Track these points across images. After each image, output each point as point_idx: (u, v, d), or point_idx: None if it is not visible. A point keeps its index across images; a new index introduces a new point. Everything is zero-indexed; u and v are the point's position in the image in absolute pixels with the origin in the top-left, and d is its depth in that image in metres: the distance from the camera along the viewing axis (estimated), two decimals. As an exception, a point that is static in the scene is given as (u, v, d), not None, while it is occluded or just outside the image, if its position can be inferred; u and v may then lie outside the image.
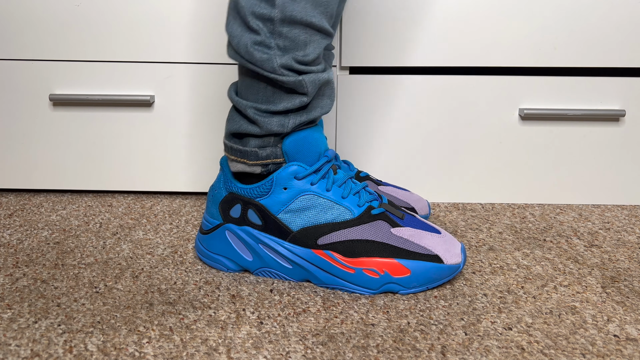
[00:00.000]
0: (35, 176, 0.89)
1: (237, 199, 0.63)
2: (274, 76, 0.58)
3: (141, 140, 0.87)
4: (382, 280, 0.60)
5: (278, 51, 0.57)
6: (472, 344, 0.53)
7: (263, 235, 0.63)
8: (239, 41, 0.58)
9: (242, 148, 0.62)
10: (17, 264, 0.67)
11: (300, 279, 0.63)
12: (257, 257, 0.63)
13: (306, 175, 0.61)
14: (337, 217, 0.62)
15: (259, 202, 0.62)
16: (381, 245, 0.60)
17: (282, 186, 0.61)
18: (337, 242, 0.61)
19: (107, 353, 0.51)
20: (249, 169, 0.63)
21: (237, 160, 0.63)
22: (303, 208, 0.61)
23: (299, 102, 0.60)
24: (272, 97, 0.60)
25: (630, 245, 0.74)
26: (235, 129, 0.62)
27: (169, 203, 0.88)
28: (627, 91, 0.84)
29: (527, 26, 0.82)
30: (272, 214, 0.62)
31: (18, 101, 0.86)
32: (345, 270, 0.60)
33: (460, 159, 0.87)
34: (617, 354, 0.51)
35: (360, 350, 0.51)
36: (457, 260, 0.62)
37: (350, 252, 0.60)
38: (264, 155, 0.62)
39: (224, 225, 0.64)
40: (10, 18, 0.83)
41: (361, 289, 0.61)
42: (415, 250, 0.60)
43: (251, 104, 0.60)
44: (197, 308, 0.58)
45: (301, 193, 0.61)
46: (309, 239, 0.61)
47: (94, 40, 0.83)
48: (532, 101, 0.85)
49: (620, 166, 0.87)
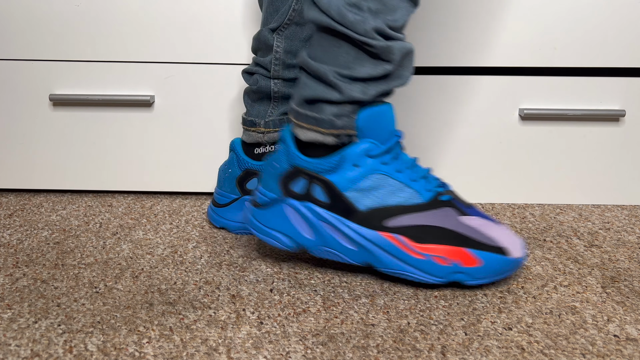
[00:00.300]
0: (35, 176, 0.89)
1: (302, 173, 0.60)
2: (365, 39, 0.55)
3: (141, 140, 0.87)
4: (452, 269, 0.59)
5: (369, 14, 0.55)
6: (472, 344, 0.53)
7: (327, 213, 0.59)
8: (329, 1, 0.55)
9: (317, 115, 0.59)
10: (17, 264, 0.67)
11: (361, 262, 0.60)
12: (318, 235, 0.60)
13: (379, 154, 0.59)
14: (407, 200, 0.59)
15: (327, 178, 0.59)
16: (451, 233, 0.59)
17: (353, 163, 0.58)
18: (407, 227, 0.58)
19: (107, 353, 0.51)
20: (322, 138, 0.60)
21: (309, 128, 0.60)
22: (372, 187, 0.59)
23: (382, 70, 0.57)
24: (353, 63, 0.57)
25: (630, 245, 0.74)
26: (310, 95, 0.59)
27: (169, 203, 0.88)
28: (627, 91, 0.84)
29: (527, 26, 0.82)
30: (340, 191, 0.59)
31: (18, 101, 0.86)
32: (414, 256, 0.58)
33: (460, 159, 0.87)
34: (617, 354, 0.51)
35: (360, 350, 0.51)
36: (520, 254, 0.61)
37: (421, 237, 0.58)
38: (340, 125, 0.59)
39: (284, 199, 0.61)
40: (10, 18, 0.83)
41: (427, 276, 0.59)
42: (484, 241, 0.59)
43: (332, 68, 0.58)
44: (197, 308, 0.58)
45: (372, 172, 0.59)
46: (375, 220, 0.59)
47: (94, 40, 0.83)
48: (532, 101, 0.85)
49: (620, 166, 0.87)
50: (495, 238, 0.60)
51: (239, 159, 0.74)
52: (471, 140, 0.86)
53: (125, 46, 0.84)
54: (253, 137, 0.75)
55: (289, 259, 0.69)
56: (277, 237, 0.62)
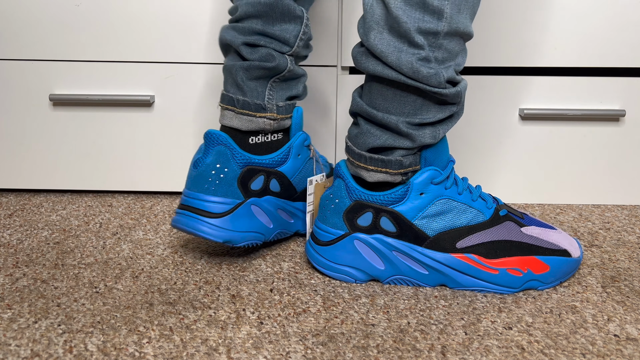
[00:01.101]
0: (35, 176, 0.89)
1: (367, 207, 0.61)
2: (438, 90, 0.57)
3: (141, 140, 0.87)
4: (525, 278, 0.61)
5: (438, 65, 0.56)
6: (472, 343, 0.53)
7: (398, 242, 0.61)
8: (398, 57, 0.56)
9: (385, 158, 0.60)
10: (17, 264, 0.67)
11: (435, 284, 0.63)
12: (390, 265, 0.62)
13: (442, 180, 0.61)
14: (472, 220, 0.62)
15: (394, 209, 0.61)
16: (519, 245, 0.61)
17: (419, 192, 0.61)
18: (477, 245, 0.61)
19: (107, 353, 0.51)
20: (390, 178, 0.61)
21: (377, 170, 0.61)
22: (439, 212, 0.61)
23: (449, 112, 0.59)
24: (420, 110, 0.59)
25: (630, 245, 0.74)
26: (380, 144, 0.60)
27: (169, 203, 0.88)
28: (627, 91, 0.84)
29: (527, 26, 0.82)
30: (408, 220, 0.61)
31: (18, 101, 0.86)
32: (489, 272, 0.61)
33: (460, 159, 0.87)
34: (617, 353, 0.51)
35: (361, 350, 0.51)
36: (579, 253, 0.64)
37: (492, 253, 0.61)
38: (407, 164, 0.61)
39: (351, 234, 0.62)
40: (10, 18, 0.83)
41: (503, 288, 0.61)
42: (548, 247, 0.62)
43: (402, 119, 0.58)
44: (197, 308, 0.58)
45: (437, 198, 0.61)
46: (446, 243, 0.61)
47: (94, 40, 0.83)
48: (532, 101, 0.85)
49: (620, 166, 0.87)
50: (556, 242, 0.63)
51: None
52: (471, 140, 0.86)
53: (125, 46, 0.84)
54: (256, 123, 0.66)
55: (289, 259, 0.69)
56: (348, 272, 0.63)
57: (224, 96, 0.66)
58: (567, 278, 0.63)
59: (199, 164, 0.63)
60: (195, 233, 0.63)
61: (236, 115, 0.65)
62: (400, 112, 0.59)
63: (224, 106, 0.66)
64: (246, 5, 0.63)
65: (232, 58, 0.66)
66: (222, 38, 0.65)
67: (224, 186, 0.63)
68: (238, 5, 0.64)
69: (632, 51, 0.82)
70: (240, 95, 0.65)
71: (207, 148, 0.63)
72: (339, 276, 0.64)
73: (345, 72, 0.85)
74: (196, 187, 0.63)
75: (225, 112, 0.66)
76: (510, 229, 0.62)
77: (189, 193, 0.64)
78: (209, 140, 0.63)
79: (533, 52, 0.82)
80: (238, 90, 0.65)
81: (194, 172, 0.64)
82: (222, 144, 0.63)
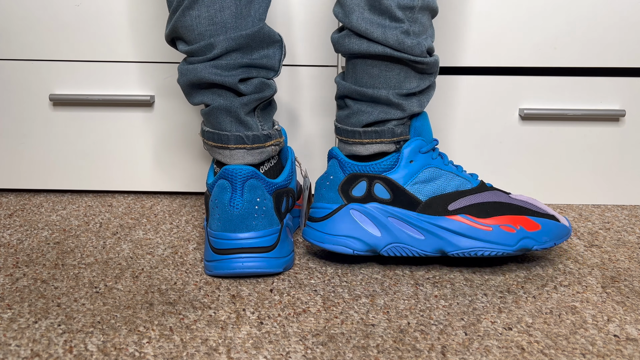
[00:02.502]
0: (35, 176, 0.89)
1: (361, 177, 0.65)
2: (420, 59, 0.62)
3: (141, 140, 0.87)
4: (519, 236, 0.63)
5: (418, 37, 0.62)
6: (472, 344, 0.53)
7: (393, 208, 0.64)
8: (384, 32, 0.60)
9: (379, 129, 0.65)
10: (17, 264, 0.67)
11: (433, 250, 0.63)
12: (387, 232, 0.64)
13: (429, 149, 0.66)
14: (461, 186, 0.65)
15: (387, 176, 0.64)
16: (509, 205, 0.64)
17: (410, 159, 0.65)
18: (468, 206, 0.64)
19: (107, 353, 0.51)
20: (386, 147, 0.66)
21: (372, 142, 0.65)
22: (430, 178, 0.65)
23: (428, 81, 0.65)
24: (404, 82, 0.64)
25: (630, 245, 0.74)
26: (374, 119, 0.64)
27: (169, 203, 0.88)
28: (627, 91, 0.84)
29: (527, 26, 0.82)
30: (401, 186, 0.64)
31: (18, 101, 0.86)
32: (483, 229, 0.62)
33: (460, 159, 0.87)
34: (617, 354, 0.51)
35: (361, 350, 0.51)
36: (567, 224, 0.66)
37: (484, 212, 0.63)
38: (399, 132, 0.65)
39: (347, 205, 0.65)
40: (10, 18, 0.83)
41: (499, 246, 0.62)
42: (537, 210, 0.65)
43: (392, 91, 0.63)
44: (197, 308, 0.58)
45: (425, 166, 0.65)
46: (439, 207, 0.64)
47: (94, 40, 0.83)
48: (532, 101, 0.85)
49: (620, 166, 0.87)
50: (545, 209, 0.66)
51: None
52: (471, 140, 0.86)
53: (125, 46, 0.84)
54: (267, 153, 0.65)
55: (289, 259, 0.69)
56: (347, 243, 0.64)
57: (227, 137, 0.63)
58: (559, 242, 0.65)
59: (236, 204, 0.61)
60: (264, 271, 0.62)
61: (248, 151, 0.63)
62: (387, 85, 0.64)
63: (233, 147, 0.63)
64: (226, 40, 0.60)
65: (221, 97, 0.62)
66: (198, 78, 0.61)
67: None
68: (214, 42, 0.60)
69: (632, 51, 0.82)
70: (247, 131, 0.63)
71: (235, 185, 0.61)
72: (338, 247, 0.64)
73: (345, 72, 0.85)
74: (243, 227, 0.62)
75: (235, 153, 0.63)
76: (499, 195, 0.66)
77: (237, 236, 0.62)
78: (236, 177, 0.61)
79: (533, 52, 0.82)
80: (242, 126, 0.63)
81: (234, 212, 0.61)
82: (252, 177, 0.62)
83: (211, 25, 0.60)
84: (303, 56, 0.83)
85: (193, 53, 0.61)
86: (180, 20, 0.60)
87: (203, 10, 0.59)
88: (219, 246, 0.62)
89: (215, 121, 0.63)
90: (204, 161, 0.88)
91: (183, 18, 0.60)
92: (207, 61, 0.61)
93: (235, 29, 0.60)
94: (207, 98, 0.63)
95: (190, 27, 0.60)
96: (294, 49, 0.83)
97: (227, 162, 0.64)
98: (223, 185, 0.62)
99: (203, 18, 0.59)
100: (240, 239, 0.62)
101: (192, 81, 0.62)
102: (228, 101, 0.62)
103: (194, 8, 0.59)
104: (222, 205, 0.62)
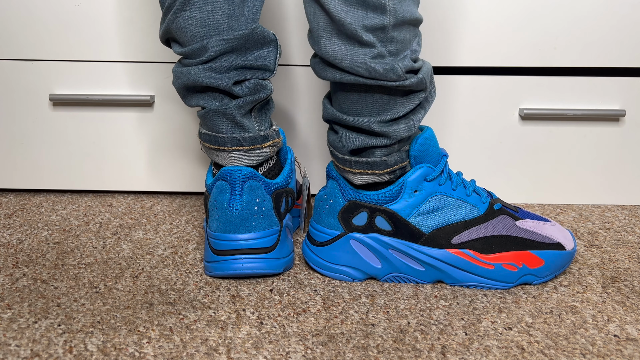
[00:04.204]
0: (35, 176, 0.89)
1: (362, 207, 0.62)
2: (400, 83, 0.56)
3: (141, 140, 0.87)
4: (520, 273, 0.62)
5: (394, 58, 0.56)
6: (472, 344, 0.53)
7: (393, 241, 0.62)
8: (352, 60, 0.55)
9: (369, 159, 0.60)
10: (17, 264, 0.67)
11: (431, 281, 0.63)
12: (387, 263, 0.62)
13: (435, 176, 0.61)
14: (467, 215, 0.62)
15: (389, 208, 0.61)
16: (514, 239, 0.62)
17: (413, 189, 0.61)
18: (472, 240, 0.61)
19: (107, 353, 0.51)
20: (377, 179, 0.61)
21: (363, 172, 0.61)
22: (434, 209, 0.62)
23: (418, 100, 0.59)
24: (388, 106, 0.58)
25: (630, 245, 0.74)
26: (359, 146, 0.60)
27: (169, 203, 0.88)
28: (627, 91, 0.84)
29: (527, 26, 0.82)
30: (403, 218, 0.61)
31: (18, 101, 0.86)
32: (485, 267, 0.61)
33: (460, 159, 0.87)
34: (617, 354, 0.51)
35: (361, 350, 0.51)
36: (573, 245, 0.64)
37: (487, 248, 0.61)
38: (392, 162, 0.60)
39: (347, 234, 0.63)
40: (10, 18, 0.83)
41: (499, 283, 0.62)
42: (542, 241, 0.63)
43: (373, 119, 0.58)
44: (197, 308, 0.58)
45: (431, 194, 0.61)
46: (442, 239, 0.61)
47: (94, 40, 0.83)
48: (532, 101, 0.85)
49: (620, 166, 0.87)
50: (550, 236, 0.63)
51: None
52: (471, 140, 0.86)
53: (125, 46, 0.84)
54: (265, 154, 0.65)
55: (289, 259, 0.69)
56: (346, 272, 0.64)
57: (223, 139, 0.63)
58: (561, 271, 0.64)
59: (235, 205, 0.61)
60: (263, 272, 0.62)
61: (245, 153, 0.63)
62: (369, 112, 0.59)
63: (230, 149, 0.63)
64: (219, 43, 0.59)
65: (216, 100, 0.62)
66: (192, 81, 0.61)
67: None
68: (207, 45, 0.59)
69: (632, 51, 0.82)
70: (243, 132, 0.63)
71: (234, 186, 0.61)
72: (337, 276, 0.64)
73: (345, 72, 0.85)
74: (242, 228, 0.62)
75: (232, 155, 0.63)
76: (505, 223, 0.63)
77: (236, 237, 0.62)
78: (235, 178, 0.61)
79: (533, 52, 0.82)
80: (238, 128, 0.63)
81: (233, 213, 0.61)
82: (251, 178, 0.62)
83: (203, 27, 0.59)
84: (298, 56, 0.83)
85: (187, 55, 0.61)
86: (173, 22, 0.59)
87: (195, 12, 0.58)
88: (219, 247, 0.62)
89: (212, 123, 0.63)
90: (204, 161, 0.88)
91: (175, 20, 0.59)
92: (201, 64, 0.60)
93: (228, 31, 0.60)
94: (203, 101, 0.63)
95: (182, 29, 0.59)
96: (289, 48, 0.83)
97: (225, 164, 0.64)
98: (222, 187, 0.62)
99: (195, 20, 0.59)
100: (239, 240, 0.62)
101: (187, 84, 0.62)
102: (223, 104, 0.62)
103: (186, 10, 0.58)
104: (222, 206, 0.62)
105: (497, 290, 0.62)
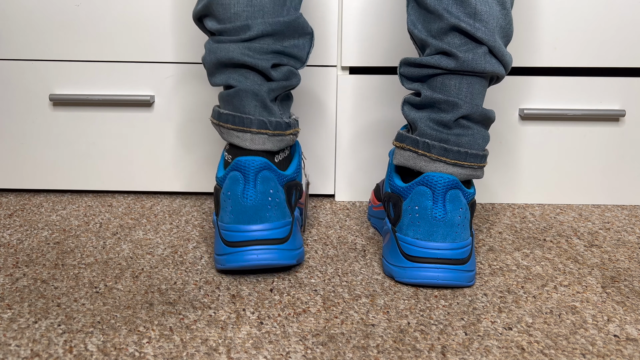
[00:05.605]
0: (35, 176, 0.89)
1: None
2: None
3: (141, 140, 0.87)
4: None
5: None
6: (472, 344, 0.53)
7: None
8: (509, 57, 0.62)
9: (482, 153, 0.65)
10: (17, 264, 0.67)
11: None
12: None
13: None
14: None
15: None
16: None
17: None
18: None
19: (107, 353, 0.51)
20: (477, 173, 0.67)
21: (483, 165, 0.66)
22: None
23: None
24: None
25: (630, 245, 0.74)
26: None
27: (169, 203, 0.88)
28: (627, 91, 0.84)
29: (527, 26, 0.82)
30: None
31: (18, 101, 0.86)
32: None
33: (460, 159, 0.87)
34: (617, 354, 0.51)
35: (360, 350, 0.51)
36: None
37: None
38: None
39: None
40: (10, 18, 0.83)
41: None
42: None
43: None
44: (197, 308, 0.58)
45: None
46: None
47: (94, 40, 0.83)
48: (532, 101, 0.85)
49: (620, 166, 0.87)
50: None
51: (278, 176, 0.61)
52: (471, 140, 0.86)
53: (125, 46, 0.84)
54: (285, 141, 0.65)
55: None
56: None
57: (250, 121, 0.62)
58: None
59: (249, 195, 0.60)
60: (278, 263, 0.61)
61: (269, 138, 0.63)
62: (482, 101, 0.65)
63: (255, 131, 0.62)
64: (263, 24, 0.60)
65: (248, 80, 0.62)
66: (229, 57, 0.61)
67: (279, 210, 0.61)
68: (250, 24, 0.60)
69: (632, 51, 0.82)
70: (270, 116, 0.63)
71: (248, 176, 0.60)
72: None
73: (345, 72, 0.85)
74: (256, 219, 0.60)
75: (256, 137, 0.63)
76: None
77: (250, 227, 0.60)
78: (249, 168, 0.60)
79: (533, 52, 0.82)
80: (265, 111, 0.63)
81: (247, 203, 0.60)
82: (265, 168, 0.60)
83: (249, 6, 0.60)
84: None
85: (224, 32, 0.61)
86: None
87: None
88: (232, 239, 0.61)
89: (240, 103, 0.62)
90: (204, 161, 0.88)
91: None
92: (240, 42, 0.60)
93: (273, 14, 0.61)
94: (232, 79, 0.62)
95: (226, 5, 0.60)
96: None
97: (246, 147, 0.63)
98: (235, 177, 0.61)
99: None
100: (253, 231, 0.60)
101: (221, 60, 0.61)
102: (256, 84, 0.62)
103: None
104: (235, 197, 0.61)
105: (497, 290, 0.62)
